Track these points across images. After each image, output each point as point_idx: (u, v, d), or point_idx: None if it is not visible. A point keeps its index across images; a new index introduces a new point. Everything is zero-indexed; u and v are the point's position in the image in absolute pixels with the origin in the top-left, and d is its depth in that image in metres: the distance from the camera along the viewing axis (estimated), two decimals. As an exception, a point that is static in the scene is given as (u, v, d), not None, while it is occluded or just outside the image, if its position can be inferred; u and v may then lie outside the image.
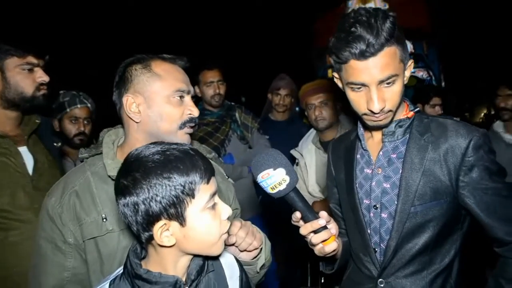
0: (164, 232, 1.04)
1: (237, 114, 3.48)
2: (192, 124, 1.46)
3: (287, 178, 1.27)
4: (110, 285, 1.12)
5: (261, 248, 1.48)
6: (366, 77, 1.32)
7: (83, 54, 8.79)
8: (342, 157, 1.67)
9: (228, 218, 1.13)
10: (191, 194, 1.03)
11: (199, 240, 1.08)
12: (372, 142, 1.56)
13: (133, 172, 1.02)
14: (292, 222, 1.42)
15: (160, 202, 1.00)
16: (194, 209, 1.05)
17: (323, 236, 1.35)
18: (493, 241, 1.44)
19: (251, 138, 3.44)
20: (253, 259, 1.45)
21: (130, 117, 1.43)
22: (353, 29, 1.28)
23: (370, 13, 1.30)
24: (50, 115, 2.69)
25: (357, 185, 1.56)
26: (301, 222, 1.37)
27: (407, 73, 1.42)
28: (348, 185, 1.60)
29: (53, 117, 2.85)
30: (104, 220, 1.39)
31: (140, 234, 1.06)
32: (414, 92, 3.95)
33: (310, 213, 1.34)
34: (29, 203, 1.87)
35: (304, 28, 8.57)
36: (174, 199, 1.01)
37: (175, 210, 1.02)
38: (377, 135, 1.54)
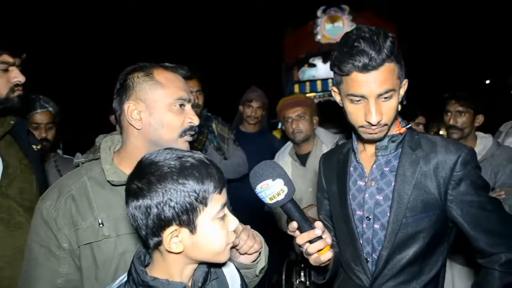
0: (174, 238, 1.03)
1: (214, 125, 3.49)
2: (192, 132, 1.47)
3: (285, 189, 1.28)
4: None
5: (260, 252, 1.48)
6: (366, 89, 1.39)
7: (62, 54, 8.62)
8: (335, 169, 1.72)
9: (234, 230, 1.14)
10: (204, 203, 1.04)
11: (207, 248, 1.08)
12: (365, 156, 1.62)
13: (148, 176, 1.02)
14: (288, 232, 1.45)
15: (174, 208, 1.00)
16: (205, 218, 1.05)
17: (318, 246, 1.35)
18: (476, 252, 1.51)
19: (227, 149, 3.46)
20: (253, 262, 1.46)
21: (131, 124, 1.42)
22: (356, 43, 1.36)
23: (373, 31, 1.38)
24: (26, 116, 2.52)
25: (350, 196, 1.61)
26: (297, 232, 1.39)
27: (402, 91, 1.49)
28: (341, 197, 1.64)
29: None
30: (101, 225, 1.36)
31: (148, 239, 1.05)
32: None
33: (306, 223, 1.35)
34: None
35: (273, 43, 8.73)
36: (188, 205, 1.01)
37: (187, 217, 1.02)
38: (370, 149, 1.60)
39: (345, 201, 1.62)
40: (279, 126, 4.17)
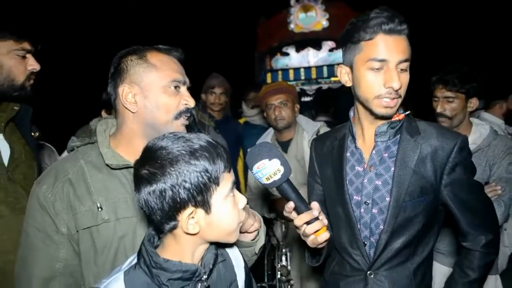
0: (191, 219, 1.04)
1: (194, 112, 3.48)
2: (188, 114, 1.46)
3: (282, 169, 1.31)
4: (125, 275, 1.08)
5: (259, 231, 1.50)
6: (389, 53, 1.41)
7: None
8: (329, 154, 1.72)
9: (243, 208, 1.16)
10: (217, 182, 1.05)
11: (221, 227, 1.09)
12: (364, 141, 1.62)
13: (160, 160, 1.02)
14: (284, 213, 1.46)
15: (189, 189, 1.01)
16: (219, 197, 1.06)
17: (316, 226, 1.38)
18: (460, 235, 1.59)
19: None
20: (252, 240, 1.47)
21: (126, 107, 1.40)
22: (381, 12, 1.41)
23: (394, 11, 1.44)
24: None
25: (347, 182, 1.61)
26: (294, 214, 1.41)
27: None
28: (337, 182, 1.65)
29: None
30: (100, 209, 1.35)
31: (164, 223, 1.05)
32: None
33: (303, 204, 1.38)
34: (3, 196, 1.74)
35: (246, 32, 8.71)
36: (202, 186, 1.02)
37: (202, 197, 1.03)
38: (369, 135, 1.59)
39: (341, 186, 1.62)
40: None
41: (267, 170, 1.31)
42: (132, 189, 1.38)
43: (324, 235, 1.40)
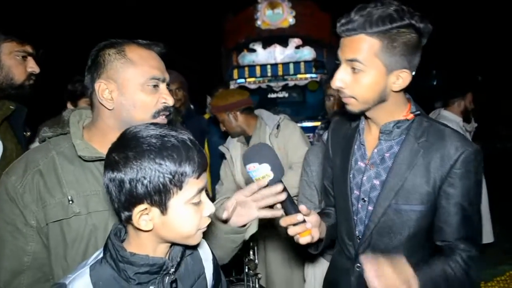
0: (144, 216, 1.03)
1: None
2: (167, 113, 1.44)
3: (271, 174, 1.34)
4: (90, 270, 1.08)
5: None
6: (340, 53, 1.43)
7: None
8: (341, 142, 1.71)
9: (209, 216, 1.14)
10: (179, 186, 1.03)
11: (177, 230, 1.08)
12: (370, 137, 1.59)
13: (127, 150, 1.01)
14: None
15: (146, 186, 1.00)
16: (178, 201, 1.04)
17: (299, 229, 1.43)
18: (439, 239, 1.51)
19: None
20: (243, 227, 1.48)
21: (102, 104, 1.37)
22: (347, 15, 1.39)
23: (386, 2, 1.36)
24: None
25: (350, 176, 1.61)
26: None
27: (391, 80, 1.43)
28: (343, 174, 1.65)
29: None
30: (70, 202, 1.33)
31: (120, 212, 1.05)
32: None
33: (291, 206, 1.42)
34: None
35: (213, 28, 8.66)
36: (161, 186, 1.01)
37: (159, 198, 1.02)
38: (376, 131, 1.56)
39: (345, 179, 1.63)
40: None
41: (257, 173, 1.35)
42: (104, 182, 1.38)
43: (306, 239, 1.44)
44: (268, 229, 2.99)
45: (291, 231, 1.44)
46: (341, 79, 1.43)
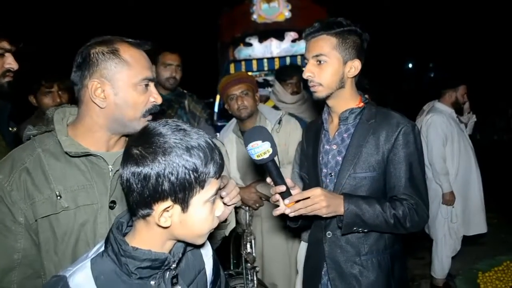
0: (165, 213, 1.04)
1: (186, 102, 3.50)
2: (155, 111, 1.48)
3: (271, 150, 1.57)
4: (91, 263, 1.08)
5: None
6: (307, 52, 1.86)
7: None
8: (312, 135, 2.08)
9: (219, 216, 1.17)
10: (202, 185, 1.05)
11: (193, 229, 1.10)
12: (332, 125, 1.98)
13: (154, 146, 1.01)
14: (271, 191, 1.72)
15: (173, 183, 1.01)
16: (199, 199, 1.06)
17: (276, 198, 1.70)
18: (389, 196, 1.85)
19: (197, 127, 3.44)
20: (224, 222, 1.52)
21: (94, 102, 1.39)
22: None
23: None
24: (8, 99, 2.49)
25: (320, 158, 1.96)
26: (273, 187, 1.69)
27: (348, 68, 1.84)
28: (314, 158, 2.00)
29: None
30: (59, 197, 1.35)
31: (138, 208, 1.05)
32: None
33: (280, 179, 1.64)
34: None
35: (209, 22, 8.65)
36: (187, 184, 1.02)
37: (183, 195, 1.03)
38: (336, 119, 1.95)
39: (315, 161, 1.98)
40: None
41: (260, 149, 1.55)
42: (91, 177, 1.40)
43: (291, 208, 1.68)
44: (266, 222, 3.01)
45: (273, 198, 1.71)
46: (310, 70, 1.84)
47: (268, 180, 1.70)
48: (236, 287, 2.95)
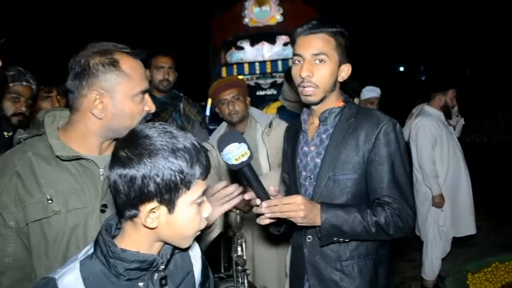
0: (151, 213, 1.06)
1: (181, 105, 3.52)
2: (148, 118, 1.49)
3: (249, 152, 1.48)
4: (81, 265, 1.09)
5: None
6: (304, 48, 1.72)
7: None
8: (292, 136, 2.00)
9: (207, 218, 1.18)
10: (188, 186, 1.06)
11: (179, 230, 1.11)
12: (312, 126, 1.89)
13: (141, 148, 1.03)
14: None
15: (158, 184, 1.02)
16: (186, 201, 1.08)
17: (259, 210, 1.59)
18: (372, 199, 1.75)
19: (191, 130, 3.47)
20: (209, 228, 1.54)
21: (92, 113, 1.40)
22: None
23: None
24: None
25: (298, 160, 1.89)
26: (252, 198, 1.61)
27: (341, 71, 1.78)
28: (292, 160, 1.93)
29: None
30: (50, 201, 1.35)
31: (125, 209, 1.06)
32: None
33: (259, 184, 1.55)
34: None
35: (200, 26, 8.66)
36: (172, 185, 1.04)
37: (169, 196, 1.04)
38: (316, 121, 1.86)
39: (294, 164, 1.91)
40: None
41: (238, 151, 1.46)
42: (83, 181, 1.41)
43: (266, 220, 1.61)
44: (256, 225, 3.01)
45: (254, 209, 1.63)
46: (309, 69, 1.70)
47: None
48: (227, 290, 2.94)
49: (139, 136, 1.07)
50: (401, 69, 21.61)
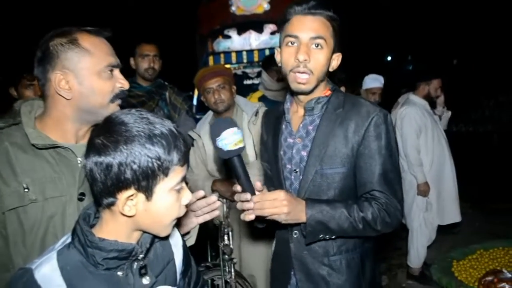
0: (129, 201, 1.04)
1: (167, 94, 3.50)
2: (123, 96, 1.47)
3: (243, 142, 1.46)
4: (58, 255, 1.07)
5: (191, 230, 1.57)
6: (301, 30, 1.58)
7: None
8: (272, 125, 1.89)
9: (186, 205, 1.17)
10: (166, 173, 1.05)
11: (158, 217, 1.10)
12: (296, 116, 1.78)
13: (116, 134, 1.01)
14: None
15: (135, 171, 1.01)
16: (164, 187, 1.06)
17: (245, 206, 1.53)
18: (360, 193, 1.69)
19: (178, 119, 3.47)
20: (184, 235, 1.51)
21: (59, 94, 1.38)
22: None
23: None
24: None
25: (281, 152, 1.79)
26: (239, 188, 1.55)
27: (333, 59, 1.68)
28: (274, 152, 1.82)
29: None
30: (26, 190, 1.34)
31: (102, 197, 1.05)
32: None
33: (247, 183, 1.52)
34: None
35: (187, 14, 8.57)
36: (149, 172, 1.02)
37: (146, 183, 1.03)
38: (301, 110, 1.76)
39: (276, 156, 1.80)
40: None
41: (232, 138, 1.43)
42: (60, 169, 1.40)
43: (250, 217, 1.55)
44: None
45: (239, 205, 1.56)
46: (307, 52, 1.58)
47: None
48: (214, 279, 2.94)
49: (114, 123, 1.05)
50: (389, 58, 21.68)
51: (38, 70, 1.40)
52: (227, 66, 7.01)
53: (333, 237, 1.66)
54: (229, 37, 7.25)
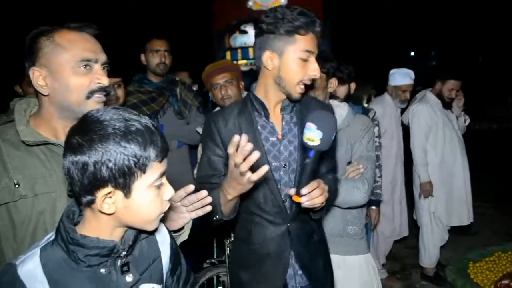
0: (107, 199, 1.04)
1: (178, 90, 3.50)
2: (104, 93, 1.45)
3: (318, 142, 1.53)
4: (41, 251, 1.08)
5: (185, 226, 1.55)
6: (315, 47, 1.72)
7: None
8: (237, 130, 1.81)
9: (169, 200, 1.16)
10: (143, 169, 1.04)
11: (139, 214, 1.10)
12: (274, 116, 1.87)
13: (91, 133, 1.01)
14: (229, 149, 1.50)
15: (111, 169, 1.00)
16: (142, 184, 1.06)
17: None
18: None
19: (188, 115, 3.48)
20: (176, 232, 1.51)
21: (38, 91, 1.40)
22: (305, 12, 1.69)
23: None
24: None
25: (265, 151, 1.82)
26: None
27: None
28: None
29: None
30: (17, 185, 1.36)
31: (81, 196, 1.05)
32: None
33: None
34: None
35: (203, 10, 8.57)
36: (126, 169, 1.01)
37: (123, 180, 1.02)
38: (277, 110, 1.87)
39: (261, 156, 1.68)
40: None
41: (310, 133, 1.54)
42: (51, 166, 1.41)
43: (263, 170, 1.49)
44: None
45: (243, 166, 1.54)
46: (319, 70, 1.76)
47: (234, 141, 1.47)
48: (220, 276, 2.94)
49: (90, 121, 1.04)
50: (412, 54, 21.33)
51: (26, 67, 1.43)
52: (244, 61, 7.02)
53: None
54: (245, 32, 7.22)
